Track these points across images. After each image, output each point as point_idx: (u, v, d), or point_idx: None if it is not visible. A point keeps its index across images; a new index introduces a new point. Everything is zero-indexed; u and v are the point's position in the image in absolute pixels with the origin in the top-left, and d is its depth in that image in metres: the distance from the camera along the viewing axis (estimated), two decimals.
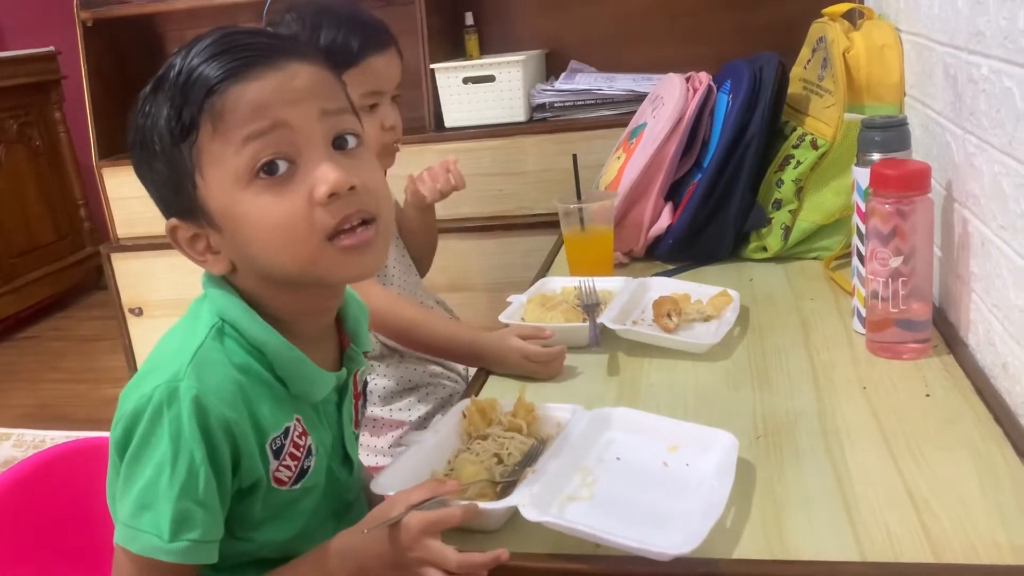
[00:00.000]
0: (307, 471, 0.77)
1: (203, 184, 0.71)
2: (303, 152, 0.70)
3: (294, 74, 0.70)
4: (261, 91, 0.69)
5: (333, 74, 0.75)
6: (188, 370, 0.69)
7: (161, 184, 0.73)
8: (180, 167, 0.70)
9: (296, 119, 0.70)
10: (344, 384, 0.82)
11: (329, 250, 0.71)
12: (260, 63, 0.69)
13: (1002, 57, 0.83)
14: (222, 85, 0.68)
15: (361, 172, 0.72)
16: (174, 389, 0.68)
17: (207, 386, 0.69)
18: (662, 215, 1.38)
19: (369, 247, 0.73)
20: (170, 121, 0.69)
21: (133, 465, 0.69)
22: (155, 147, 0.71)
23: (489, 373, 1.07)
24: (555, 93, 2.16)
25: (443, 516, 0.69)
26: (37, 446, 2.40)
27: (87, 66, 2.36)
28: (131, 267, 2.45)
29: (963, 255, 0.97)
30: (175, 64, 0.70)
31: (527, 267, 2.06)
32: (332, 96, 0.73)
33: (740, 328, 1.10)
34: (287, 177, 0.70)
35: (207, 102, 0.68)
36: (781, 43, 1.58)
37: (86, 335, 3.28)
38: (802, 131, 1.31)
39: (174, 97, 0.69)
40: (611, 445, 0.82)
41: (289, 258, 0.71)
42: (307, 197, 0.70)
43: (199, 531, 0.68)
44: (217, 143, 0.69)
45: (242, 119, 0.68)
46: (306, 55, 0.73)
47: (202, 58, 0.69)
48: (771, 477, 0.77)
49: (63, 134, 3.60)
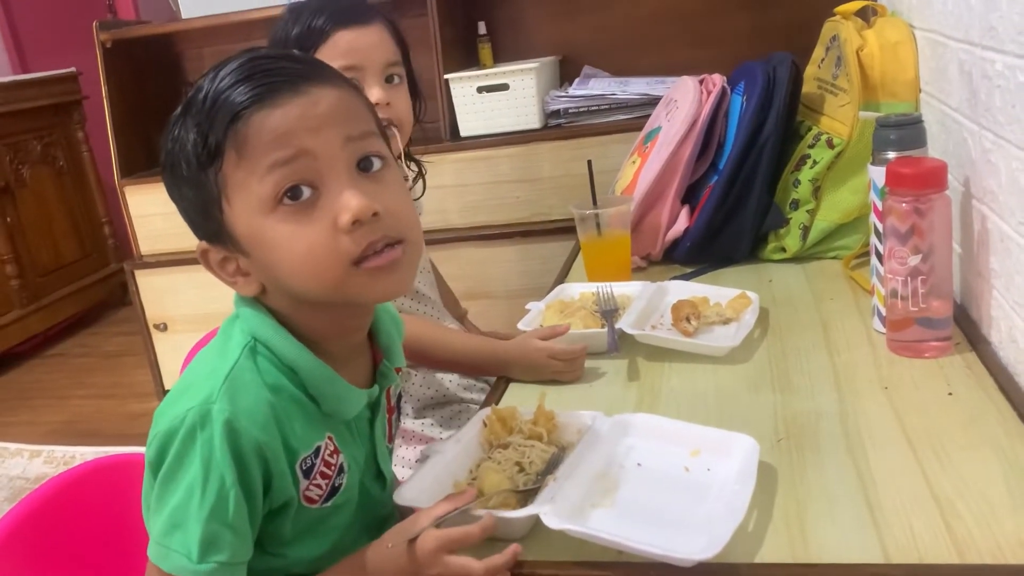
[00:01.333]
0: (338, 488, 0.77)
1: (229, 210, 0.71)
2: (326, 179, 0.70)
3: (317, 100, 0.70)
4: (285, 118, 0.69)
5: (357, 95, 0.75)
6: (221, 393, 0.69)
7: (190, 208, 0.74)
8: (207, 192, 0.71)
9: (319, 146, 0.70)
10: (377, 400, 0.82)
11: (356, 274, 0.71)
12: (284, 89, 0.69)
13: (1016, 53, 0.83)
14: (246, 112, 0.68)
15: (384, 196, 0.72)
16: (206, 412, 0.68)
17: (239, 409, 0.69)
18: (679, 218, 1.38)
19: (397, 267, 0.73)
20: (196, 147, 0.70)
21: (166, 485, 0.70)
22: (183, 172, 0.72)
23: (509, 381, 1.07)
24: (569, 99, 2.16)
25: (461, 535, 0.69)
26: (67, 462, 2.43)
27: (107, 86, 2.40)
28: (155, 283, 2.48)
29: (983, 252, 0.97)
30: (203, 87, 0.71)
31: (545, 273, 2.06)
32: (356, 120, 0.73)
33: (760, 330, 1.09)
34: (311, 204, 0.70)
35: (231, 129, 0.69)
36: (794, 43, 1.57)
37: (112, 351, 3.32)
38: (818, 130, 1.31)
39: (200, 123, 0.70)
40: (632, 451, 0.82)
41: (316, 283, 0.71)
42: (331, 225, 0.70)
43: (227, 553, 0.69)
44: (242, 170, 0.69)
45: (265, 147, 0.68)
46: (329, 79, 0.73)
47: (228, 83, 0.69)
48: (793, 479, 0.77)
49: (86, 153, 3.66)
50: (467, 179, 2.28)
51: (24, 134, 3.38)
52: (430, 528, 0.70)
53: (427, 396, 1.29)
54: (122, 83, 2.45)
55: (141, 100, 2.51)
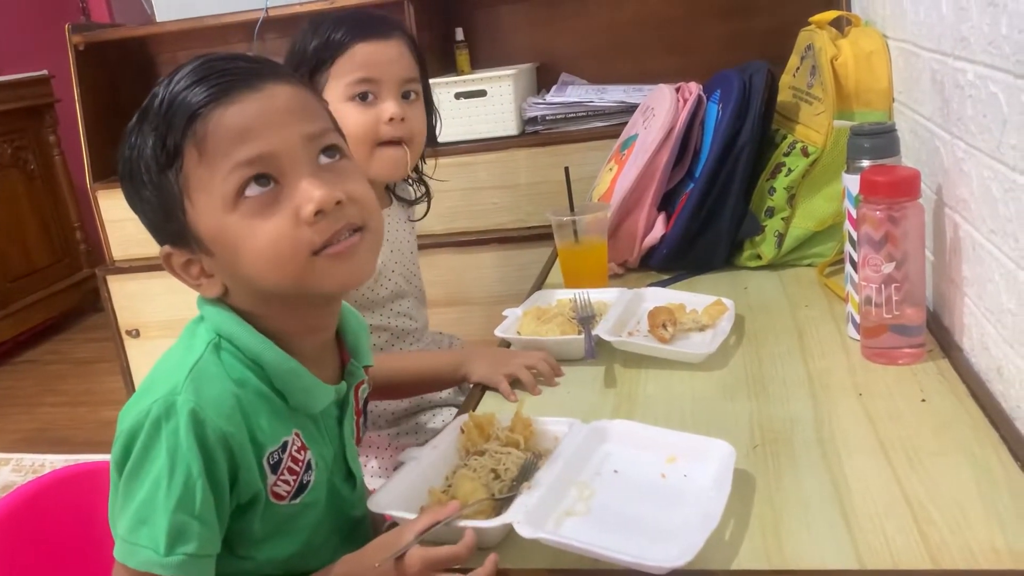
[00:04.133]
0: (307, 486, 0.77)
1: (192, 210, 0.71)
2: (287, 172, 0.71)
3: (273, 95, 0.71)
4: (243, 114, 0.69)
5: (313, 93, 0.76)
6: (185, 384, 0.69)
7: (152, 212, 0.74)
8: (168, 194, 0.71)
9: (279, 142, 0.70)
10: (345, 399, 0.83)
11: (316, 262, 0.72)
12: (240, 87, 0.70)
13: (987, 63, 0.84)
14: (204, 110, 0.69)
15: (345, 184, 0.73)
16: (171, 403, 0.68)
17: (204, 399, 0.69)
18: (656, 225, 1.39)
19: (355, 253, 0.74)
20: (155, 149, 0.70)
21: (131, 480, 0.69)
22: (143, 176, 0.72)
23: (485, 389, 1.06)
24: (547, 106, 2.16)
25: (448, 556, 0.69)
26: (36, 470, 2.39)
27: (80, 89, 2.37)
28: (127, 289, 2.45)
29: (955, 259, 0.98)
30: (158, 93, 0.71)
31: (523, 280, 2.06)
32: (313, 114, 0.74)
33: (736, 337, 1.10)
34: (273, 197, 0.71)
35: (190, 128, 0.69)
36: (770, 52, 1.59)
37: (84, 358, 3.27)
38: (793, 139, 1.32)
39: (158, 126, 0.70)
40: (608, 458, 0.82)
41: (279, 276, 0.72)
42: (293, 216, 0.70)
43: (195, 544, 0.68)
44: (203, 168, 0.70)
45: (225, 144, 0.69)
46: (285, 76, 0.74)
47: (183, 85, 0.70)
48: (769, 486, 0.77)
49: (58, 157, 3.61)
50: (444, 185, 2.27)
51: None
52: (416, 546, 0.70)
53: (399, 407, 1.28)
54: (95, 86, 2.42)
55: (114, 103, 2.48)
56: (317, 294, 0.75)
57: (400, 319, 1.30)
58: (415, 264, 1.36)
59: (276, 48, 2.46)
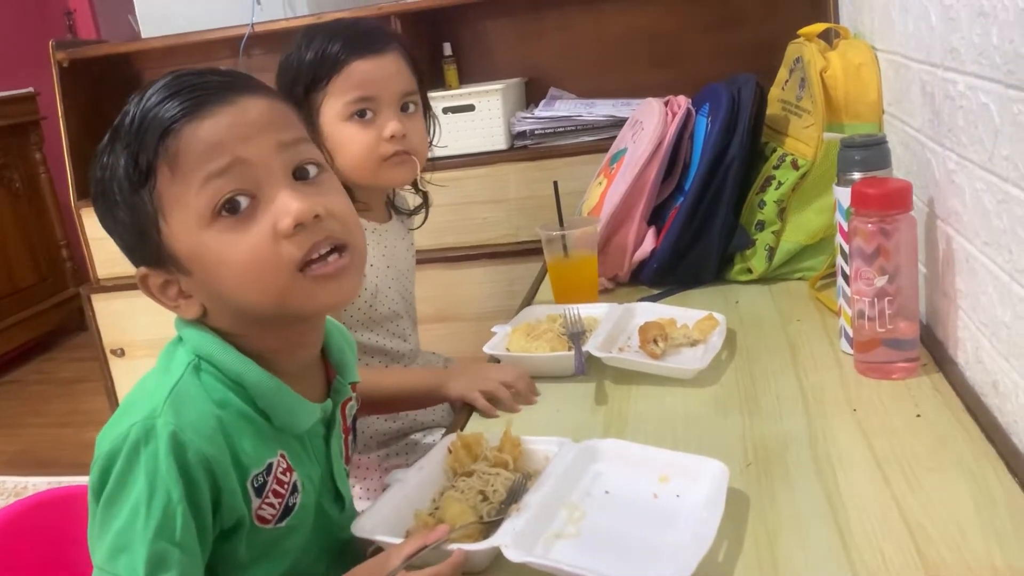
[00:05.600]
0: (292, 508, 0.75)
1: (167, 229, 0.70)
2: (263, 186, 0.69)
3: (246, 108, 0.70)
4: (215, 128, 0.68)
5: (288, 105, 0.75)
6: (165, 407, 0.68)
7: (126, 233, 0.73)
8: (142, 214, 0.70)
9: (253, 153, 0.69)
10: (332, 417, 0.81)
11: (300, 281, 0.70)
12: (212, 101, 0.69)
13: (977, 73, 0.83)
14: (176, 126, 0.67)
15: (325, 199, 0.71)
16: (151, 427, 0.66)
17: (185, 422, 0.67)
18: (646, 239, 1.38)
19: (343, 274, 0.72)
20: (128, 168, 0.69)
21: (109, 507, 0.67)
22: (116, 197, 0.71)
23: (473, 408, 1.04)
24: (535, 120, 2.16)
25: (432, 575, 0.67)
26: (19, 493, 2.36)
27: (64, 106, 2.35)
28: (112, 308, 2.42)
29: (948, 272, 0.97)
30: (128, 111, 0.70)
31: (513, 295, 2.05)
32: (288, 127, 0.73)
33: (727, 352, 1.08)
34: (249, 213, 0.69)
35: (162, 145, 0.68)
36: (758, 64, 1.58)
37: (69, 377, 3.24)
38: (782, 151, 1.31)
39: (130, 144, 0.69)
40: (599, 478, 0.80)
41: (260, 294, 0.70)
42: (271, 231, 0.69)
43: (175, 572, 0.66)
44: (176, 185, 0.68)
45: (199, 159, 0.68)
46: (257, 89, 0.72)
47: (154, 102, 0.69)
48: (763, 504, 0.75)
49: (43, 175, 3.58)
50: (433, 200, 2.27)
51: None
52: (402, 570, 0.68)
53: (388, 428, 1.26)
54: (80, 103, 2.40)
55: (99, 121, 2.46)
56: (300, 314, 0.73)
57: (394, 340, 1.28)
58: (411, 282, 1.35)
59: (262, 64, 2.44)
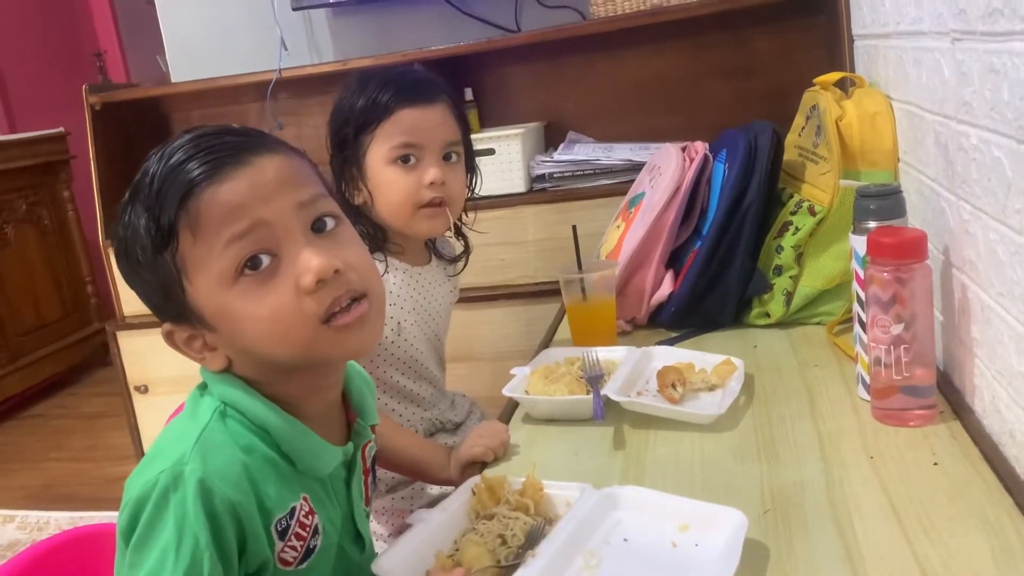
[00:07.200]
0: (313, 550, 0.76)
1: (191, 288, 0.72)
2: (283, 244, 0.71)
3: (263, 168, 0.71)
4: (235, 191, 0.70)
5: (303, 159, 0.77)
6: (193, 453, 0.69)
7: (151, 292, 0.74)
8: (166, 275, 0.72)
9: (272, 214, 0.71)
10: (352, 459, 0.82)
11: (324, 332, 0.72)
12: (229, 163, 0.70)
13: (990, 128, 0.84)
14: (195, 191, 0.69)
15: (343, 252, 0.73)
16: (179, 473, 0.68)
17: (212, 468, 0.69)
18: (664, 283, 1.39)
19: (364, 322, 0.74)
20: (149, 231, 0.70)
21: (138, 551, 0.68)
22: (139, 257, 0.72)
23: None
24: (554, 164, 2.19)
25: None
26: (41, 528, 2.37)
27: (95, 148, 2.41)
28: (137, 344, 2.45)
29: (964, 321, 0.97)
30: (148, 170, 0.72)
31: (531, 335, 2.06)
32: (304, 184, 0.74)
33: (745, 397, 1.09)
34: (271, 271, 0.71)
35: (182, 209, 0.69)
36: (775, 111, 1.60)
37: (91, 413, 3.27)
38: (799, 197, 1.33)
39: (150, 206, 0.70)
40: (619, 526, 0.81)
41: (286, 347, 0.72)
42: (293, 288, 0.71)
43: None
44: (198, 248, 0.70)
45: (219, 222, 0.69)
46: (272, 147, 0.74)
47: (173, 163, 0.70)
48: (780, 553, 0.76)
49: (71, 213, 3.65)
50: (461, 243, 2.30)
51: (9, 193, 3.38)
52: None
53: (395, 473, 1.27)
54: (109, 144, 2.46)
55: (128, 161, 2.52)
56: (325, 362, 0.75)
57: (419, 382, 1.29)
58: (443, 328, 1.36)
59: (289, 107, 2.50)
